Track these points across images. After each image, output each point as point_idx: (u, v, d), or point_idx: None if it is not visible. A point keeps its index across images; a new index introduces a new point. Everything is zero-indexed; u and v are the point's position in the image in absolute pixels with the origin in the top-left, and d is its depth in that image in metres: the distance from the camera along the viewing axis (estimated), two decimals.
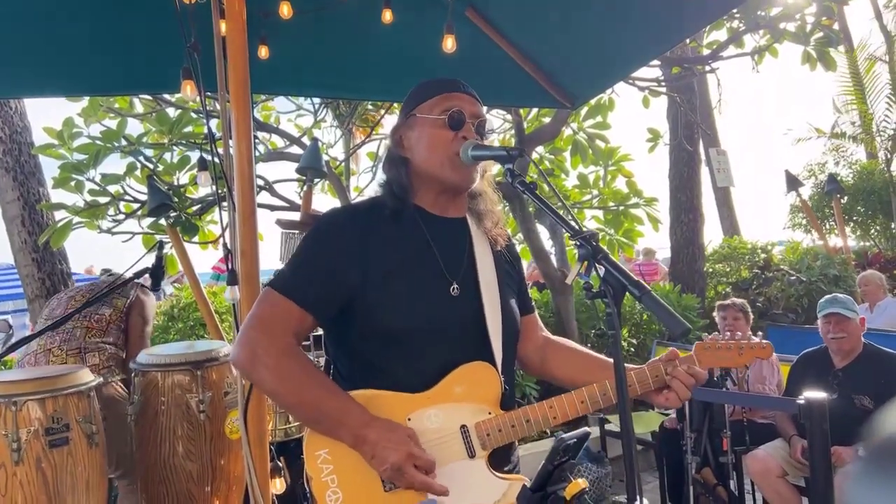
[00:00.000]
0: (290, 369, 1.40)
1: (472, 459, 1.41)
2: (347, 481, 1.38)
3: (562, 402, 1.45)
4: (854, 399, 3.42)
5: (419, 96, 1.56)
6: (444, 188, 1.53)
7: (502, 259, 1.63)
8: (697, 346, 1.59)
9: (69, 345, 3.07)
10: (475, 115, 1.51)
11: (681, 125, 7.65)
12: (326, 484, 1.38)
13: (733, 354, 1.59)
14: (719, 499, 3.85)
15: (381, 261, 1.46)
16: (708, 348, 1.57)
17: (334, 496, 1.37)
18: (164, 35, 2.45)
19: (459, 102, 1.51)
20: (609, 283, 1.11)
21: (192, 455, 2.74)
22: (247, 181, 2.25)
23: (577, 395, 1.46)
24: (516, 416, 1.44)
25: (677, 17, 2.78)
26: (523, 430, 1.44)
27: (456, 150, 1.47)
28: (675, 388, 1.45)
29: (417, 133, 1.53)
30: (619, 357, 1.13)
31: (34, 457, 2.26)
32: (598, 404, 1.45)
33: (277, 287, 1.45)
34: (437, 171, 1.49)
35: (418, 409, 1.41)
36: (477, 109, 1.53)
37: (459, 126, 1.48)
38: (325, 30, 3.02)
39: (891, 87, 10.02)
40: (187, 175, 5.09)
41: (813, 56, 5.36)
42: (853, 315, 3.55)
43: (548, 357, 1.69)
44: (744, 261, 8.40)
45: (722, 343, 1.60)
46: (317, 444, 1.40)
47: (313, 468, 1.38)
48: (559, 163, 6.51)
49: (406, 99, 1.60)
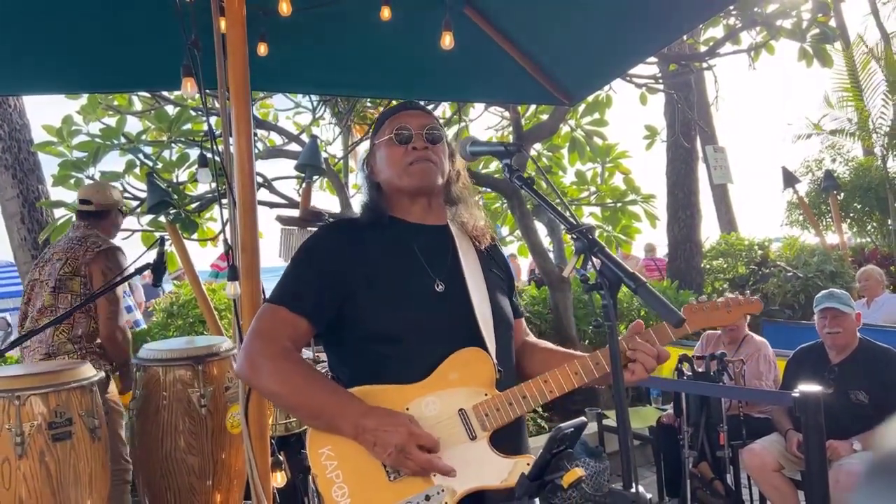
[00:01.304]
0: (287, 371, 1.46)
1: (474, 441, 1.43)
2: (352, 475, 1.41)
3: (556, 375, 1.48)
4: (850, 394, 3.45)
5: (376, 126, 1.71)
6: (412, 194, 1.61)
7: (489, 262, 1.68)
8: (686, 308, 1.64)
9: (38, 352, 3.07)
10: (422, 126, 1.60)
11: (678, 122, 7.67)
12: (332, 480, 1.40)
13: (722, 313, 1.63)
14: (716, 493, 3.88)
15: (365, 266, 1.52)
16: (696, 310, 1.63)
17: (340, 491, 1.40)
18: (163, 32, 2.46)
19: (406, 119, 1.62)
20: (605, 276, 1.14)
21: (194, 449, 2.77)
22: (247, 176, 2.28)
23: (570, 367, 1.49)
24: (512, 393, 1.47)
25: (674, 15, 2.80)
26: (521, 406, 1.46)
27: (409, 160, 1.57)
28: (640, 359, 1.45)
29: (378, 156, 1.65)
30: (616, 347, 1.15)
31: (37, 450, 2.29)
32: (593, 374, 1.47)
33: (271, 300, 1.54)
34: (396, 181, 1.60)
35: (415, 399, 1.44)
36: (424, 120, 1.62)
37: (408, 140, 1.59)
38: (324, 27, 3.03)
39: (887, 84, 10.04)
40: (186, 172, 5.11)
41: (809, 53, 5.39)
42: (849, 310, 3.58)
43: (524, 357, 1.72)
44: (741, 257, 8.44)
45: (710, 303, 1.65)
46: (319, 442, 1.43)
47: (317, 466, 1.41)
48: (557, 160, 6.53)
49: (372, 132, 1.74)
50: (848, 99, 10.35)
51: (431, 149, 1.59)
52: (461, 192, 1.68)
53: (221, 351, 2.92)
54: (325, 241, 1.62)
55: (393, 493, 1.39)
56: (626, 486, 1.12)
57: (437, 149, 1.61)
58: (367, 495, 1.39)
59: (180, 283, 7.01)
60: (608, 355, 1.44)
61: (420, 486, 1.38)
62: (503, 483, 1.40)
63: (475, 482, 1.40)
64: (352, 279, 1.51)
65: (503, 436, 1.47)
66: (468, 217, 1.66)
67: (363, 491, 1.40)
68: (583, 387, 1.51)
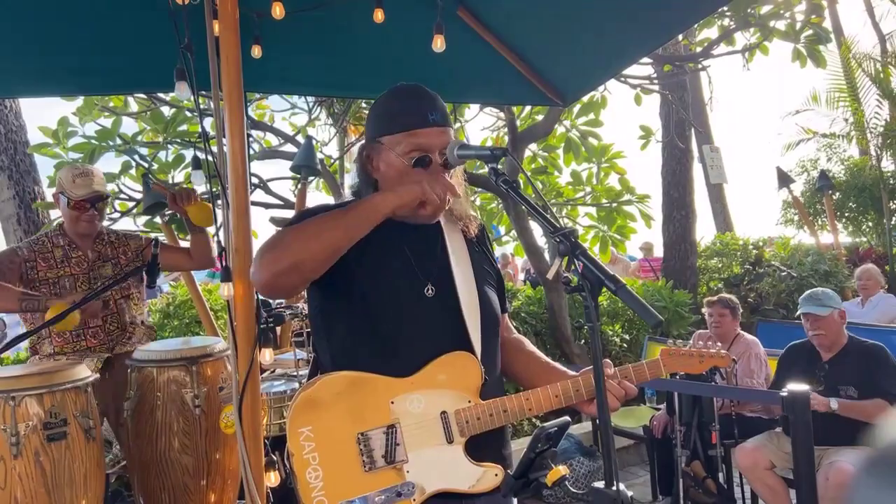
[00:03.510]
0: (300, 227, 1.47)
1: (450, 445, 1.46)
2: (328, 459, 1.42)
3: (538, 395, 1.52)
4: (839, 390, 3.49)
5: (386, 124, 1.56)
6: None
7: (479, 256, 1.68)
8: (663, 351, 1.70)
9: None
10: (442, 146, 1.51)
11: (673, 122, 7.70)
12: (307, 461, 1.41)
13: (694, 361, 1.71)
14: (709, 491, 3.92)
15: (358, 264, 1.51)
16: (672, 354, 1.70)
17: (314, 473, 1.41)
18: (158, 34, 2.48)
19: (426, 140, 1.50)
20: (587, 278, 1.16)
21: (188, 449, 2.79)
22: (240, 178, 2.29)
23: (552, 389, 1.52)
24: (494, 405, 1.50)
25: (665, 15, 2.82)
26: (500, 419, 1.50)
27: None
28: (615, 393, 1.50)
29: (385, 164, 1.55)
30: (598, 348, 1.18)
31: (32, 451, 2.31)
32: (571, 399, 1.52)
33: (285, 225, 1.55)
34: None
35: (402, 394, 1.47)
36: (444, 139, 1.52)
37: (425, 167, 1.51)
38: (318, 29, 3.05)
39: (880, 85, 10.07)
40: (182, 173, 5.12)
41: (803, 53, 5.43)
42: (827, 311, 3.60)
43: (507, 353, 1.73)
44: (736, 257, 8.46)
45: (685, 350, 1.73)
46: (300, 420, 1.44)
47: (295, 445, 1.42)
48: (552, 160, 6.55)
49: (373, 113, 1.63)
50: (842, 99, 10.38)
51: (444, 172, 1.52)
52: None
53: (215, 352, 2.94)
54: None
55: (366, 483, 1.41)
56: (608, 485, 1.14)
57: (451, 174, 1.54)
58: (340, 481, 1.41)
59: (176, 283, 7.03)
60: (588, 383, 1.50)
61: (393, 479, 1.41)
62: (470, 488, 1.45)
63: (444, 484, 1.44)
64: (348, 269, 1.49)
65: (482, 442, 1.50)
66: (459, 215, 1.64)
67: (337, 477, 1.41)
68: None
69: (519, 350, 1.75)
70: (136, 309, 3.27)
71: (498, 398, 1.52)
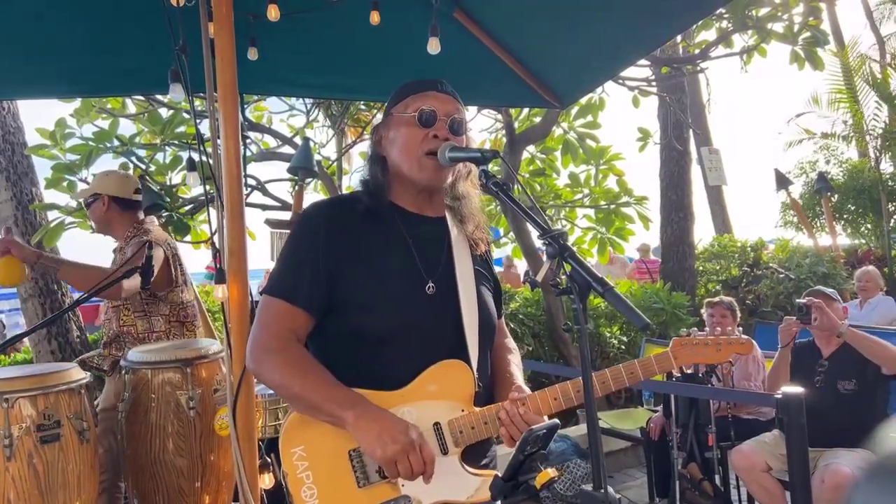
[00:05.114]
0: (287, 364, 1.46)
1: (445, 456, 1.45)
2: (322, 477, 1.42)
3: (535, 399, 1.50)
4: (839, 383, 3.56)
5: (398, 96, 1.59)
6: (419, 188, 1.56)
7: (480, 262, 1.66)
8: (675, 342, 1.60)
9: None
10: (449, 113, 1.52)
11: (671, 124, 7.70)
12: (302, 480, 1.42)
13: (711, 350, 1.59)
14: (705, 493, 3.91)
15: (358, 259, 1.49)
16: (685, 344, 1.58)
17: (309, 491, 1.41)
18: (154, 36, 2.48)
19: (433, 101, 1.52)
20: (575, 281, 1.16)
21: (182, 451, 2.78)
22: (235, 180, 2.29)
23: (550, 391, 1.50)
24: (489, 412, 1.48)
25: (664, 17, 2.82)
26: (496, 427, 1.47)
27: (426, 148, 1.49)
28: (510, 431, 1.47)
29: (393, 132, 1.55)
30: (586, 350, 1.17)
31: (26, 453, 2.30)
32: (572, 402, 1.50)
33: (269, 291, 1.52)
34: (407, 170, 1.52)
35: (392, 408, 1.44)
36: (451, 108, 1.53)
37: (430, 124, 1.50)
38: (314, 31, 3.05)
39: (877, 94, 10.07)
40: (179, 175, 5.12)
41: (801, 56, 5.43)
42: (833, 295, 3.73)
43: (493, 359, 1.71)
44: (734, 259, 8.46)
45: (700, 339, 1.59)
46: (292, 441, 1.44)
47: (289, 464, 1.43)
48: (550, 162, 6.55)
49: (389, 99, 1.63)
50: (841, 101, 10.38)
51: (452, 140, 1.51)
52: (468, 191, 1.63)
53: (210, 354, 2.93)
54: (315, 223, 1.54)
55: (361, 499, 1.41)
56: (596, 488, 1.14)
57: (459, 140, 1.53)
58: (335, 499, 1.41)
59: None
60: (568, 392, 1.48)
61: (388, 493, 1.40)
62: (470, 499, 1.43)
63: (442, 496, 1.42)
64: (346, 268, 1.49)
65: (475, 447, 1.49)
66: (468, 216, 1.62)
67: (332, 494, 1.41)
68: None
69: (499, 357, 1.71)
70: (126, 319, 3.24)
71: (493, 405, 1.50)
